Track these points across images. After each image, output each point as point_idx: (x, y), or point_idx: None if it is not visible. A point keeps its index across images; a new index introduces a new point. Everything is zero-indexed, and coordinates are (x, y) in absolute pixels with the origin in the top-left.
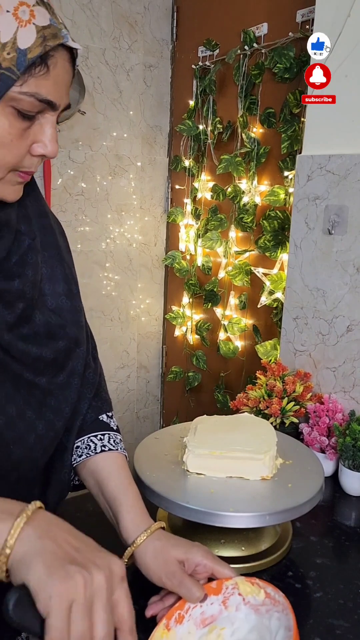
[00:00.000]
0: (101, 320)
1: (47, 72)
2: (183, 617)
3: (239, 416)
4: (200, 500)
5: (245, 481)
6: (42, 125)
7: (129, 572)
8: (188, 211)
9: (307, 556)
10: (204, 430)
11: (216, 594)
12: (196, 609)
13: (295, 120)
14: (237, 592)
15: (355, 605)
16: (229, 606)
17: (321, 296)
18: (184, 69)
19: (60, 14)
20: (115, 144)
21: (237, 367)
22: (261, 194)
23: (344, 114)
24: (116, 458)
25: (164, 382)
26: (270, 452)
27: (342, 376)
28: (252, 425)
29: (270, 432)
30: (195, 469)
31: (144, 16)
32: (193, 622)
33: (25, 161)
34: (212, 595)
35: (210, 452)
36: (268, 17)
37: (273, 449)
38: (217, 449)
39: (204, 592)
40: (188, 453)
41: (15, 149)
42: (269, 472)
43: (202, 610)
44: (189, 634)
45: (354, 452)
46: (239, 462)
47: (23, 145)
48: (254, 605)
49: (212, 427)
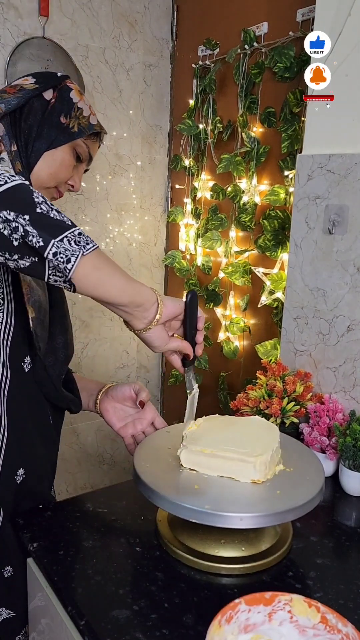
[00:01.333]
0: (101, 320)
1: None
2: (232, 617)
3: (250, 418)
4: (200, 500)
5: (234, 482)
6: (78, 171)
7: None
8: (188, 211)
9: (308, 556)
10: (205, 427)
11: (266, 604)
12: (243, 613)
13: (296, 119)
14: (289, 608)
15: (355, 606)
16: (273, 619)
17: (321, 296)
18: (184, 68)
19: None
20: (115, 143)
21: (237, 367)
22: (261, 194)
23: (344, 114)
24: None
25: (164, 382)
26: (263, 456)
27: (343, 376)
28: (257, 428)
29: (273, 438)
30: (188, 464)
31: (144, 15)
32: (237, 625)
33: (62, 186)
34: (262, 605)
35: (201, 450)
36: (268, 16)
37: (267, 454)
38: (210, 447)
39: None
40: (183, 448)
41: (66, 173)
42: (261, 477)
43: (248, 617)
44: (232, 634)
45: (355, 452)
46: (229, 463)
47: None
48: (300, 626)
49: (216, 425)
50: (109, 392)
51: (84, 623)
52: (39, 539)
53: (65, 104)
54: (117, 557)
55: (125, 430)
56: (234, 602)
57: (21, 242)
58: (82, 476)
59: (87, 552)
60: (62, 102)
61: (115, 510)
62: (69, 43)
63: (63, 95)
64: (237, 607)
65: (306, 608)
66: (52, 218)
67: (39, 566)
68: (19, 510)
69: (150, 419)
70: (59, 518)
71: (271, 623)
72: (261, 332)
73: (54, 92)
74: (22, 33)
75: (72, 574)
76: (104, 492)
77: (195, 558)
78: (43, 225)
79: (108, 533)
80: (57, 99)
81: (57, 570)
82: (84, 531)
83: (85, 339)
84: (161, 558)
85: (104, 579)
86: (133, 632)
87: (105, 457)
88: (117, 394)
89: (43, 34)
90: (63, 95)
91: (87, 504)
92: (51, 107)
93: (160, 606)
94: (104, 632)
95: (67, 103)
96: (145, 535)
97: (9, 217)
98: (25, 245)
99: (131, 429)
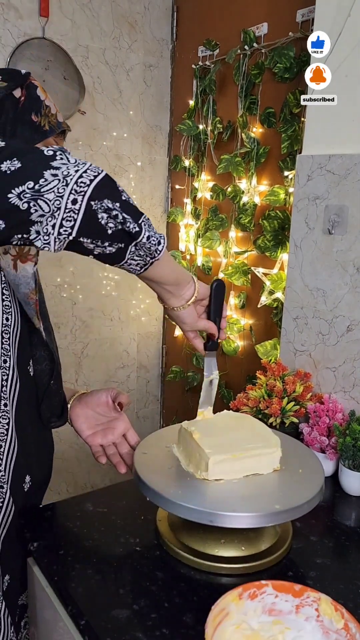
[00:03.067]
0: (101, 320)
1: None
2: (256, 595)
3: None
4: (200, 500)
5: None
6: None
7: (129, 572)
8: (188, 211)
9: (307, 556)
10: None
11: (295, 596)
12: (270, 596)
13: (295, 120)
14: (316, 606)
15: (355, 605)
16: (300, 613)
17: (321, 296)
18: (184, 68)
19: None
20: (115, 144)
21: (237, 367)
22: (261, 194)
23: (344, 114)
24: None
25: (163, 382)
26: (279, 442)
27: (342, 376)
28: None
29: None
30: (215, 475)
31: (144, 16)
32: (262, 606)
33: None
34: (290, 595)
35: (232, 456)
36: (268, 16)
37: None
38: (237, 451)
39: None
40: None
41: None
42: (279, 463)
43: (275, 601)
44: (254, 612)
45: (354, 452)
46: (254, 460)
47: None
48: (325, 627)
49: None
50: (82, 398)
51: (84, 623)
52: (39, 538)
53: (34, 102)
54: (117, 557)
55: (93, 439)
56: (260, 582)
57: (116, 229)
58: (82, 476)
59: (87, 552)
60: (30, 100)
61: (115, 510)
62: (69, 44)
63: (30, 93)
64: (263, 587)
65: (332, 610)
66: (132, 204)
67: (39, 566)
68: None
69: (123, 430)
70: (59, 518)
71: (297, 615)
72: (261, 332)
73: (21, 89)
74: (23, 34)
75: (72, 574)
76: (104, 492)
77: (195, 558)
78: (130, 211)
79: (108, 533)
80: (26, 97)
81: (57, 570)
82: (84, 531)
83: (85, 339)
84: (161, 558)
85: (104, 579)
86: (133, 631)
87: None
88: (91, 400)
89: (43, 35)
90: (31, 93)
91: (87, 503)
92: (21, 105)
93: (160, 606)
94: (104, 632)
95: (36, 101)
96: (145, 535)
97: (110, 205)
98: (120, 231)
99: (100, 438)
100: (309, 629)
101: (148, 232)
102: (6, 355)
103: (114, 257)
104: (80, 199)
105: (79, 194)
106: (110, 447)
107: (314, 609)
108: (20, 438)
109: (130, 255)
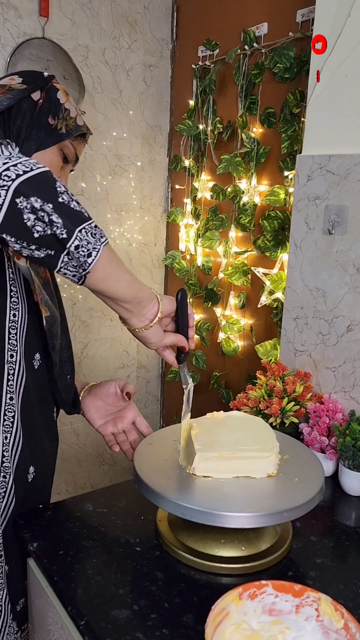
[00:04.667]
0: (101, 320)
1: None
2: (256, 595)
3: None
4: (200, 500)
5: (251, 480)
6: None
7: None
8: (188, 211)
9: (307, 556)
10: (204, 431)
11: (295, 596)
12: (270, 596)
13: (295, 120)
14: (316, 606)
15: (355, 605)
16: (300, 613)
17: (321, 296)
18: (184, 68)
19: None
20: (115, 144)
21: (236, 367)
22: (261, 194)
23: (344, 114)
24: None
25: (163, 382)
26: (276, 448)
27: (342, 376)
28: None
29: (267, 428)
30: (202, 472)
31: (143, 16)
32: (262, 605)
33: None
34: (290, 595)
35: (219, 454)
36: (268, 16)
37: (277, 445)
38: (226, 451)
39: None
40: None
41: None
42: (275, 469)
43: (275, 601)
44: (254, 612)
45: (354, 452)
46: (246, 462)
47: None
48: (325, 627)
49: (212, 428)
50: (91, 390)
51: (84, 623)
52: (39, 539)
53: (53, 105)
54: (117, 557)
55: (105, 428)
56: (260, 582)
57: (43, 233)
58: (82, 476)
59: (87, 552)
60: (49, 103)
61: (115, 510)
62: (69, 43)
63: (50, 96)
64: (263, 587)
65: (332, 610)
66: (72, 208)
67: (39, 566)
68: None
69: (132, 418)
70: (59, 518)
71: (297, 615)
72: (261, 332)
73: (41, 92)
74: (22, 33)
75: (72, 574)
76: (104, 492)
77: (195, 558)
78: (65, 215)
79: (108, 533)
80: (45, 99)
81: (57, 570)
82: (84, 531)
83: (85, 339)
84: (161, 558)
85: (104, 579)
86: (133, 632)
87: (105, 457)
88: (101, 391)
89: (43, 35)
90: (50, 96)
91: (87, 503)
92: (39, 108)
93: (160, 606)
94: (104, 632)
95: (55, 104)
96: (145, 535)
97: (36, 204)
98: (47, 236)
99: (111, 427)
100: (309, 629)
101: (78, 242)
102: (13, 350)
103: (45, 263)
104: (3, 193)
105: (2, 188)
106: (120, 435)
107: (314, 609)
108: (26, 431)
109: (63, 265)
